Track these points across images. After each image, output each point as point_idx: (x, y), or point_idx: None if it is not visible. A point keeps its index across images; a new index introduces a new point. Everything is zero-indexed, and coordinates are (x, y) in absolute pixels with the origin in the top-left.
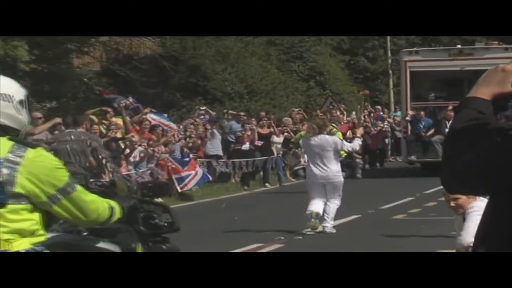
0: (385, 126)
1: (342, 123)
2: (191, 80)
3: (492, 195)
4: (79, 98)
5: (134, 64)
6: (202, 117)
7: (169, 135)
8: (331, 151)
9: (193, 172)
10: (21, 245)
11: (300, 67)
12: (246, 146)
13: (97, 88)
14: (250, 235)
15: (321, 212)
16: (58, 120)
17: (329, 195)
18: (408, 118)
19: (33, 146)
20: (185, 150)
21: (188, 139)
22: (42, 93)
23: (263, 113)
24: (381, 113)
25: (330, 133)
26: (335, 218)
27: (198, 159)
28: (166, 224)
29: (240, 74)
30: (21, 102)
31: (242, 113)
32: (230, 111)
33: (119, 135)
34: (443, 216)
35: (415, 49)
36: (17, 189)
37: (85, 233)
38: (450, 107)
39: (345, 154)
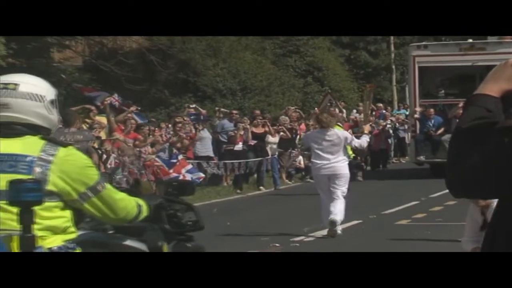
0: (388, 125)
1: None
2: (180, 76)
3: (500, 198)
4: (61, 96)
5: (119, 59)
6: (192, 115)
7: (156, 135)
8: (340, 145)
9: (181, 174)
10: (54, 242)
11: (297, 62)
12: (239, 146)
13: (76, 85)
14: (244, 241)
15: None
16: None
17: (334, 190)
18: (416, 115)
19: (65, 145)
20: (174, 150)
21: (176, 139)
22: None
23: (257, 111)
24: (384, 111)
25: None
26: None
27: (188, 161)
28: (190, 222)
29: (233, 70)
30: (52, 101)
31: (234, 111)
32: (222, 109)
33: (102, 134)
34: (450, 221)
35: (424, 43)
36: (50, 187)
37: (110, 231)
38: (461, 105)
39: (353, 155)
